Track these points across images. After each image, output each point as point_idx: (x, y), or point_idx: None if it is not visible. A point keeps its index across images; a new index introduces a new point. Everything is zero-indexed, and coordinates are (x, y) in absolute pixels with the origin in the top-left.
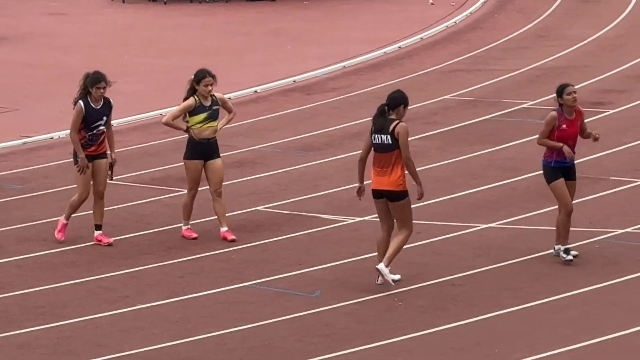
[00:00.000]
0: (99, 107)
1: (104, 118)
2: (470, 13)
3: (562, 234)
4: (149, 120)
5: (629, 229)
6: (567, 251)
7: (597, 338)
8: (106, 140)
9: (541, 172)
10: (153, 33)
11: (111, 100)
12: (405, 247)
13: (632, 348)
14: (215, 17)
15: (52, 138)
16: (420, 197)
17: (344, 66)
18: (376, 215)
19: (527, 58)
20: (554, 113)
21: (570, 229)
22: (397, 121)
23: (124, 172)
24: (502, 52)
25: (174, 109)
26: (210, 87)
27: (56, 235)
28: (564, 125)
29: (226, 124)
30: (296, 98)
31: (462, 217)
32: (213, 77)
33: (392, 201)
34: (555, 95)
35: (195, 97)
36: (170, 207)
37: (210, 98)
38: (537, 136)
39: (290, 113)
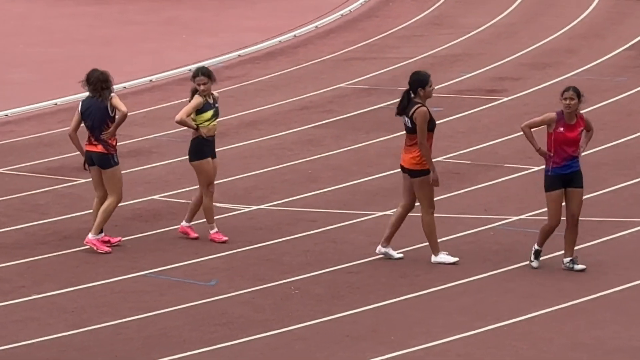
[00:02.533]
0: None
1: None
2: (365, 1)
3: (541, 238)
4: (44, 110)
5: (523, 216)
6: (572, 261)
7: (492, 324)
8: None
9: (439, 159)
10: (46, 22)
11: None
12: (299, 235)
13: (526, 334)
14: (109, 6)
15: None
16: (433, 184)
17: (239, 55)
18: (272, 203)
19: (422, 46)
20: (553, 114)
21: (465, 216)
22: (418, 105)
23: (18, 162)
24: (397, 40)
25: (185, 108)
26: (202, 87)
27: (104, 249)
28: (562, 129)
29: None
30: (191, 86)
31: (358, 205)
32: (208, 75)
33: (411, 177)
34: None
35: (200, 96)
36: (66, 197)
37: (211, 96)
38: None
39: (185, 102)
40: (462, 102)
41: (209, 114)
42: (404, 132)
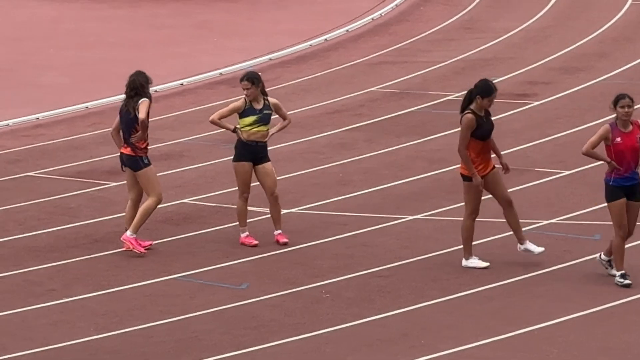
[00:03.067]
0: None
1: None
2: (396, 5)
3: (618, 260)
4: (75, 114)
5: (553, 220)
6: (624, 276)
7: (522, 329)
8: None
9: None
10: (78, 25)
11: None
12: (330, 238)
13: (556, 338)
14: (140, 10)
15: None
16: (475, 190)
17: (270, 59)
18: (303, 207)
19: (453, 50)
20: (606, 126)
21: (496, 220)
22: (467, 111)
23: (50, 165)
24: (428, 44)
25: (223, 109)
26: (245, 92)
27: (141, 250)
28: (619, 139)
29: (277, 132)
30: (222, 90)
31: (389, 209)
32: (252, 81)
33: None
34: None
35: (245, 98)
36: (97, 200)
37: (262, 101)
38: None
39: (216, 106)
40: (493, 107)
41: (251, 119)
42: (440, 134)
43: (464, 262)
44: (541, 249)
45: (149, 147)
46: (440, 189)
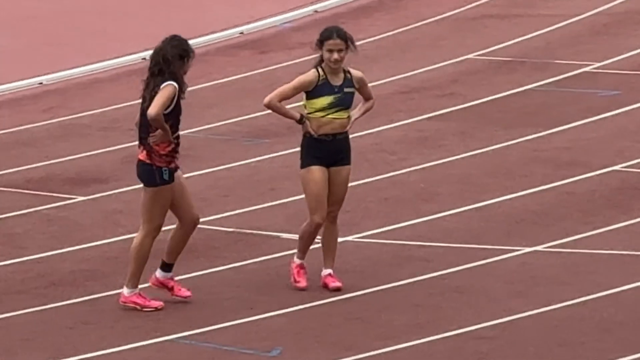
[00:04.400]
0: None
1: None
2: None
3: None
4: (23, 93)
5: None
6: None
7: None
8: None
9: (613, 168)
10: None
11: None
12: (406, 281)
13: None
14: None
15: None
16: None
17: (315, 10)
18: (364, 234)
19: None
20: None
21: None
22: None
23: None
24: None
25: (286, 87)
26: (337, 55)
27: (155, 305)
28: None
29: (360, 116)
30: (244, 58)
31: (495, 237)
32: (346, 39)
33: None
34: None
35: (319, 69)
36: (54, 223)
37: (342, 74)
38: (605, 115)
39: (235, 81)
40: None
41: (326, 100)
42: (571, 124)
43: None
44: None
45: (177, 155)
46: (571, 206)
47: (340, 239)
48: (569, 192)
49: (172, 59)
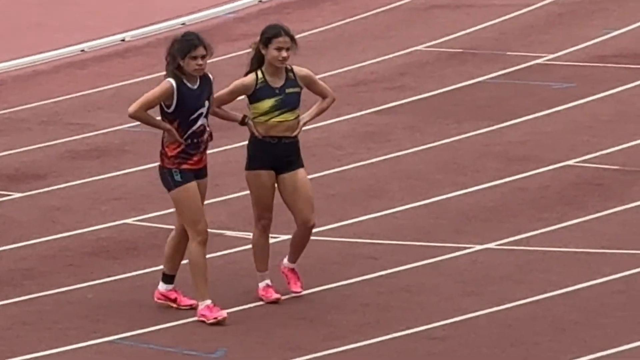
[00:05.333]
0: (196, 87)
1: (206, 104)
2: None
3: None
4: None
5: None
6: None
7: None
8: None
9: (567, 163)
10: None
11: (211, 76)
12: (354, 280)
13: None
14: None
15: None
16: None
17: (259, 0)
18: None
19: None
20: None
21: (612, 251)
22: None
23: None
24: None
25: (221, 92)
26: (284, 54)
27: (217, 316)
28: None
29: (313, 118)
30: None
31: (445, 234)
32: (292, 37)
33: None
34: None
35: (260, 72)
36: None
37: (284, 74)
38: (559, 107)
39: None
40: (605, 75)
41: (268, 103)
42: (524, 118)
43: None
44: None
45: (190, 156)
46: (524, 202)
47: (284, 237)
48: (521, 187)
49: (176, 55)
